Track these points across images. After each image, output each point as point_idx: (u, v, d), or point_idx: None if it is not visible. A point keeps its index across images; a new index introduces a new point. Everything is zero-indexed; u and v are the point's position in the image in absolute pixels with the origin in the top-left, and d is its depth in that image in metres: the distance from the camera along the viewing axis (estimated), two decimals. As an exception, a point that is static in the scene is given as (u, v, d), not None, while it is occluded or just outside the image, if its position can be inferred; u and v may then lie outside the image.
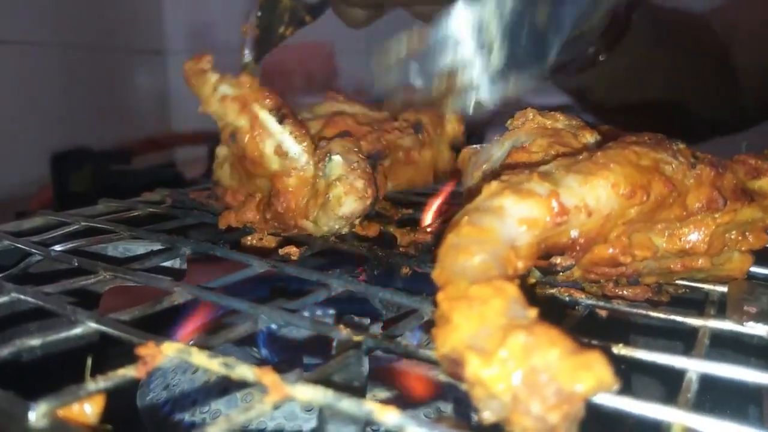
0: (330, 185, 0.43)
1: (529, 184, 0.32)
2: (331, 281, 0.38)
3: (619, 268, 0.37)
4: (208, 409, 0.41)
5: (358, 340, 0.30)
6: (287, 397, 0.25)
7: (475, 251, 0.28)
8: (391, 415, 0.23)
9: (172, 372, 0.46)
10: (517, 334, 0.23)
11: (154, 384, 0.45)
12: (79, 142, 1.10)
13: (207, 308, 0.43)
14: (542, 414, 0.22)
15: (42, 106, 1.07)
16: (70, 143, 1.08)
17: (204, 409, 0.41)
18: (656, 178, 0.33)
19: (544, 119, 0.44)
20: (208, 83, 0.45)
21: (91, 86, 1.21)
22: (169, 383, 0.45)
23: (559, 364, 0.22)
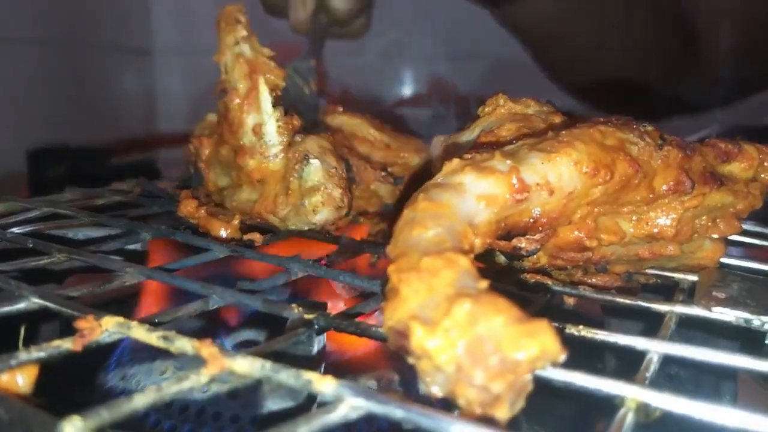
0: (306, 191, 0.41)
1: (491, 161, 0.31)
2: (292, 265, 0.37)
3: (585, 253, 0.36)
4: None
5: (309, 318, 0.29)
6: (225, 369, 0.24)
7: (430, 225, 0.27)
8: (329, 384, 0.22)
9: (130, 362, 0.44)
10: (462, 303, 0.22)
11: (111, 375, 0.44)
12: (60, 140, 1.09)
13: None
14: (485, 383, 0.21)
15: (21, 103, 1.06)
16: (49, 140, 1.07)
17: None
18: (621, 157, 0.32)
19: (515, 105, 0.43)
20: (234, 33, 0.44)
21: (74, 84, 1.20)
22: (126, 374, 0.43)
23: (502, 331, 0.21)
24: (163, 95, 1.45)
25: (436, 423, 0.20)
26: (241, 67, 0.42)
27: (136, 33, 1.41)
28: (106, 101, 1.27)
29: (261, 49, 0.42)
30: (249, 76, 0.41)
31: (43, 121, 1.10)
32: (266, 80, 0.42)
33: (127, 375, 0.43)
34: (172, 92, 1.43)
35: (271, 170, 0.42)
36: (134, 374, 0.43)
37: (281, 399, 0.26)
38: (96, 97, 1.25)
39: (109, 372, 0.44)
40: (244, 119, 0.41)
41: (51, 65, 1.13)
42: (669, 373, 0.52)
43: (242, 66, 0.42)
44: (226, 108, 0.43)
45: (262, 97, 0.41)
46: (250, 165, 0.42)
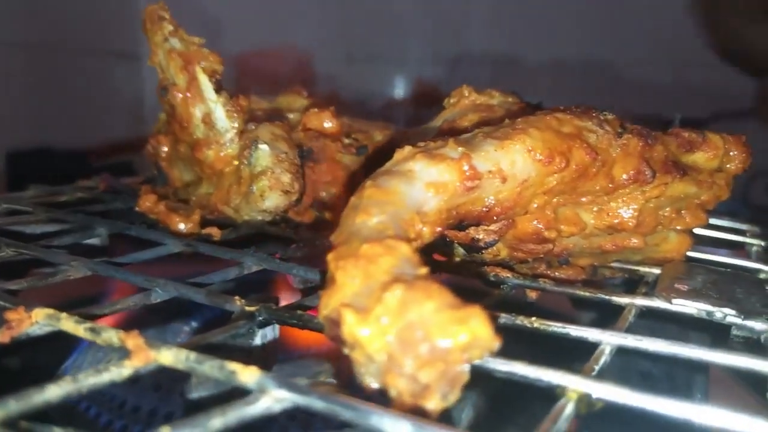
0: (255, 176, 0.40)
1: (444, 148, 0.30)
2: (245, 259, 0.36)
3: (546, 245, 0.35)
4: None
5: (251, 310, 0.28)
6: (150, 361, 0.23)
7: (374, 212, 0.26)
8: (252, 375, 0.21)
9: (89, 361, 0.43)
10: (394, 289, 0.21)
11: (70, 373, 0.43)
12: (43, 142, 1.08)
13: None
14: (414, 372, 0.20)
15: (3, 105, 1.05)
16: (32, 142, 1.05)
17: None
18: (578, 145, 0.31)
19: (479, 96, 0.42)
20: (161, 31, 0.43)
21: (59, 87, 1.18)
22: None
23: (432, 317, 0.20)
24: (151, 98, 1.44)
25: (357, 414, 0.19)
26: (175, 62, 0.41)
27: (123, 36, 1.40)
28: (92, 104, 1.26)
29: (191, 39, 0.41)
30: (185, 69, 0.40)
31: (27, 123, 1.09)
32: (203, 68, 0.41)
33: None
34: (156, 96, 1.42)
35: (230, 157, 0.41)
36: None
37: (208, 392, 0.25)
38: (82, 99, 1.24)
39: (65, 373, 0.43)
40: (192, 112, 0.40)
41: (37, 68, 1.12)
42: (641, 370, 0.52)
43: (176, 60, 0.41)
44: (171, 106, 0.42)
45: (203, 86, 0.40)
46: (209, 157, 0.41)
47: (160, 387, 0.37)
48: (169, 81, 0.42)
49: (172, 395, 0.36)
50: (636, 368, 0.51)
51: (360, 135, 0.47)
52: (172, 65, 0.41)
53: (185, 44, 0.42)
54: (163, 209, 0.44)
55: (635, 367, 0.51)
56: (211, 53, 0.42)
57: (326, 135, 0.44)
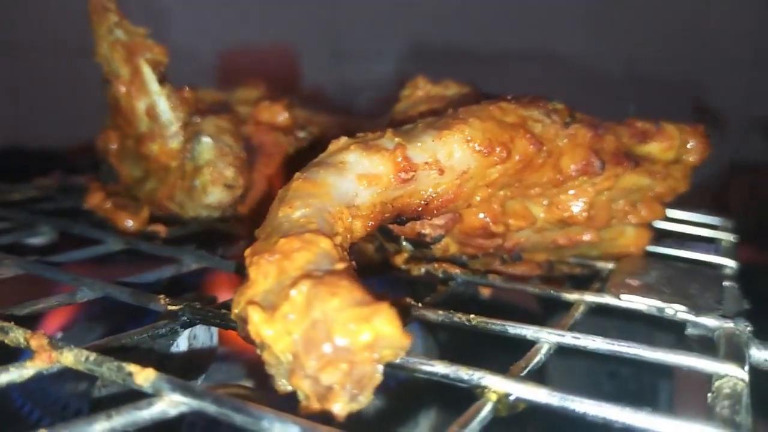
0: (197, 170, 0.39)
1: (380, 140, 0.29)
2: (185, 257, 0.35)
3: (494, 239, 0.34)
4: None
5: (174, 309, 0.27)
6: (54, 362, 0.22)
7: (297, 205, 0.25)
8: (147, 378, 0.19)
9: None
10: (300, 286, 0.20)
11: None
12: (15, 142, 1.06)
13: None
14: (316, 373, 0.19)
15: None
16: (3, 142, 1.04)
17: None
18: (521, 135, 0.30)
19: (434, 87, 0.41)
20: (106, 22, 0.41)
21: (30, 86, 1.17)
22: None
23: (335, 315, 0.19)
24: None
25: (248, 419, 0.18)
26: (119, 53, 0.39)
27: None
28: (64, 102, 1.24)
29: (135, 30, 0.40)
30: (129, 61, 0.39)
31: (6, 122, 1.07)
32: (147, 60, 0.40)
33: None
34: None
35: (175, 151, 0.39)
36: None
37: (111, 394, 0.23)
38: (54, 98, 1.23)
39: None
40: (135, 105, 0.39)
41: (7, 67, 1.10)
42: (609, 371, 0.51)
43: (120, 52, 0.39)
44: (115, 99, 0.40)
45: (146, 77, 0.39)
46: (154, 150, 0.40)
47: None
48: (113, 73, 0.41)
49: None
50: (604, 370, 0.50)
51: (315, 128, 0.46)
52: (116, 57, 0.40)
53: (129, 36, 0.40)
54: (111, 206, 0.43)
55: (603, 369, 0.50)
56: (156, 45, 0.40)
57: (278, 128, 0.43)
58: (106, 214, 0.43)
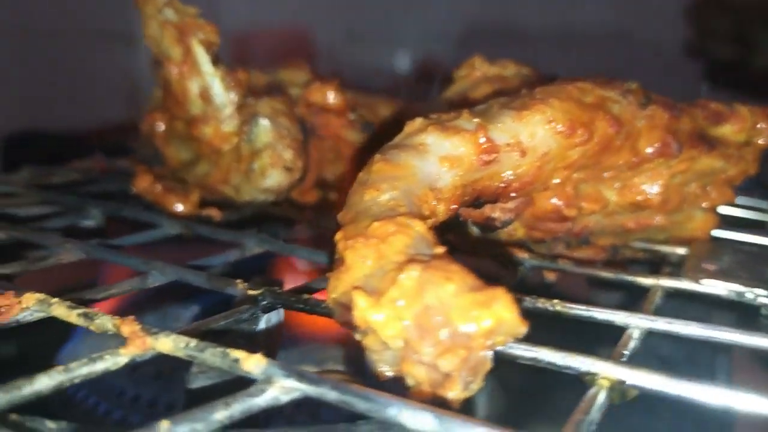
0: (255, 153, 0.38)
1: (457, 120, 0.28)
2: (247, 241, 0.34)
3: (565, 224, 0.33)
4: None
5: (254, 294, 0.26)
6: (148, 348, 0.21)
7: (384, 188, 0.24)
8: (257, 364, 0.19)
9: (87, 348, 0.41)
10: (409, 270, 0.19)
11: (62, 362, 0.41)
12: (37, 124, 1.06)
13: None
14: (434, 360, 0.18)
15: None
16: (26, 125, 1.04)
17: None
18: (601, 116, 0.29)
19: (491, 67, 0.40)
20: (153, 2, 0.40)
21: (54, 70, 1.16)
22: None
23: (453, 301, 0.18)
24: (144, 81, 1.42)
25: (374, 406, 0.17)
26: (169, 34, 0.38)
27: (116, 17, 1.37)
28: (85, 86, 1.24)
29: (186, 9, 0.39)
30: (180, 41, 0.38)
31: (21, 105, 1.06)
32: (200, 40, 0.39)
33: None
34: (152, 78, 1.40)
35: (229, 134, 0.38)
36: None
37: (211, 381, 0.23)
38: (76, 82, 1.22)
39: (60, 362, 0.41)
40: (187, 87, 0.38)
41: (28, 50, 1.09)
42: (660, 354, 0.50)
43: (170, 32, 0.38)
44: (166, 81, 0.39)
45: (199, 58, 0.38)
46: (207, 134, 0.39)
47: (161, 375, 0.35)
48: (164, 55, 0.40)
49: (173, 384, 0.34)
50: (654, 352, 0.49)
51: (365, 110, 0.45)
52: (166, 38, 0.39)
53: (180, 15, 0.39)
54: (160, 190, 0.42)
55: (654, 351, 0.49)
56: (208, 24, 0.39)
57: (329, 110, 0.42)
58: (154, 198, 0.42)
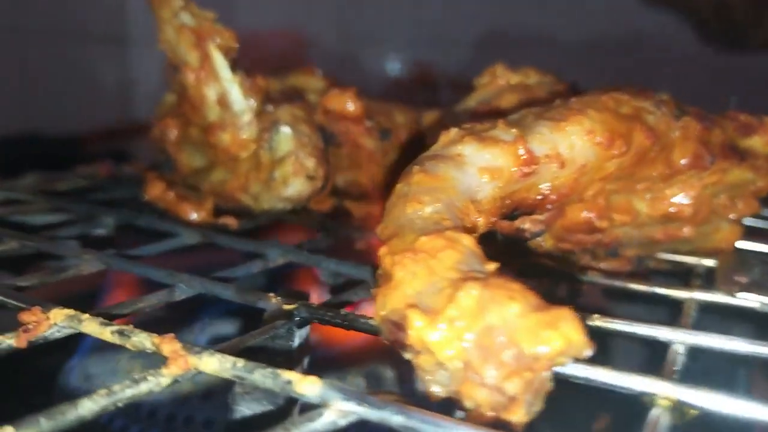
0: (276, 161, 0.37)
1: (494, 131, 0.27)
2: (268, 251, 0.33)
3: (595, 235, 0.33)
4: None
5: (289, 309, 0.26)
6: (190, 369, 0.20)
7: (427, 201, 0.24)
8: (313, 386, 0.18)
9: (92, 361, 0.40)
10: (468, 289, 0.19)
11: (72, 375, 0.40)
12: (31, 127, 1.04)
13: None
14: (498, 383, 0.17)
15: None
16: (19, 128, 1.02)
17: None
18: (637, 127, 0.29)
19: (514, 75, 0.39)
20: (170, 6, 0.39)
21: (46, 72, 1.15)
22: (89, 374, 0.39)
23: (519, 322, 0.18)
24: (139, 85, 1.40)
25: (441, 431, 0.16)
26: (186, 39, 0.37)
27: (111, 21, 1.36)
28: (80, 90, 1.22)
29: (203, 14, 0.38)
30: (197, 46, 0.37)
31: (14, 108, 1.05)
32: (217, 45, 0.38)
33: (90, 375, 0.39)
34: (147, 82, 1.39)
35: (247, 141, 0.38)
36: (97, 374, 0.39)
37: (257, 403, 0.22)
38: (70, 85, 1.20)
39: (70, 372, 0.40)
40: (205, 93, 0.37)
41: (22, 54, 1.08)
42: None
43: (187, 37, 0.37)
44: (182, 86, 0.38)
45: (217, 64, 0.37)
46: (224, 140, 0.38)
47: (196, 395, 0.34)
48: (180, 60, 0.39)
49: (208, 402, 0.33)
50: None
51: (381, 117, 0.44)
52: (182, 42, 0.38)
53: (197, 20, 0.38)
54: (173, 197, 0.41)
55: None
56: (225, 29, 0.39)
57: (348, 117, 0.42)
58: (167, 205, 0.41)
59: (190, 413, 0.33)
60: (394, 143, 0.45)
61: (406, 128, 0.46)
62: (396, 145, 0.46)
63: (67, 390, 0.39)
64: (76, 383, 0.39)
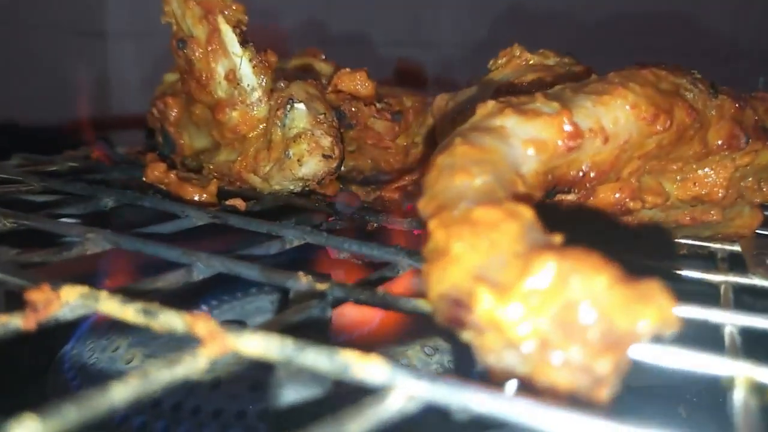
0: (290, 139, 0.35)
1: (533, 104, 0.26)
2: (286, 232, 0.32)
3: (625, 217, 0.32)
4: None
5: (322, 288, 0.24)
6: (229, 350, 0.18)
7: (476, 172, 0.22)
8: (377, 367, 0.16)
9: (89, 350, 0.38)
10: (543, 261, 0.17)
11: (67, 365, 0.37)
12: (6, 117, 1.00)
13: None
14: (587, 362, 0.16)
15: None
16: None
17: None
18: (679, 103, 0.28)
19: (533, 56, 0.38)
20: None
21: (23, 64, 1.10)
22: (85, 363, 0.37)
23: (608, 295, 0.16)
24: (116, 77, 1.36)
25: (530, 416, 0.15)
26: (192, 11, 0.35)
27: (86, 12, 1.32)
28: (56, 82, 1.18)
29: None
30: (205, 19, 0.35)
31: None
32: (226, 18, 0.36)
33: (85, 364, 0.37)
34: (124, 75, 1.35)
35: (258, 120, 0.36)
36: (94, 363, 0.37)
37: (302, 387, 0.20)
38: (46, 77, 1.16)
39: (65, 362, 0.38)
40: (213, 69, 0.35)
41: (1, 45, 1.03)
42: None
43: (194, 9, 0.35)
44: (188, 62, 0.36)
45: (226, 38, 0.35)
46: (233, 118, 0.36)
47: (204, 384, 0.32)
48: (185, 33, 0.37)
49: (234, 390, 0.31)
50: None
51: (392, 100, 0.43)
52: (189, 15, 0.36)
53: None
54: (174, 179, 0.39)
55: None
56: (234, 1, 0.37)
57: (359, 98, 0.40)
58: (168, 187, 0.39)
59: (198, 402, 0.31)
60: (403, 126, 0.44)
61: (413, 111, 0.45)
62: (405, 128, 0.44)
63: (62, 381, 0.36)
64: (72, 373, 0.36)
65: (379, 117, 0.40)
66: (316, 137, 0.34)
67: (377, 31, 1.14)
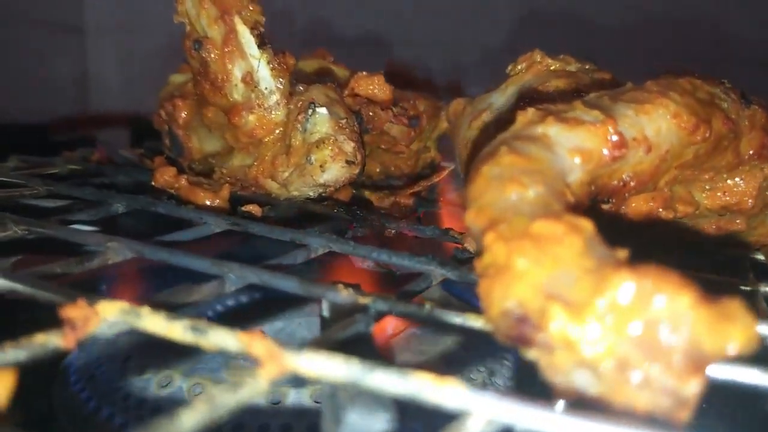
0: (312, 145, 0.34)
1: (574, 112, 0.26)
2: (311, 240, 0.31)
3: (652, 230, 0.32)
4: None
5: (364, 302, 0.23)
6: (288, 371, 0.18)
7: (527, 182, 0.22)
8: (453, 390, 0.16)
9: (96, 360, 0.37)
10: (621, 278, 0.17)
11: (74, 377, 0.36)
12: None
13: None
14: (673, 383, 0.15)
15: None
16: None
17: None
18: (716, 114, 0.28)
19: (554, 61, 0.38)
20: None
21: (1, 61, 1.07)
22: (93, 374, 0.35)
23: (694, 316, 0.16)
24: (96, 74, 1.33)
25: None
26: (208, 11, 0.34)
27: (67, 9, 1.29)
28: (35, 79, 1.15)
29: None
30: (221, 19, 0.34)
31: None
32: (243, 19, 0.35)
33: (94, 376, 0.35)
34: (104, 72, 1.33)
35: (275, 124, 0.35)
36: (103, 374, 0.35)
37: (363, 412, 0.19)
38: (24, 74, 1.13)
39: (71, 372, 0.36)
40: (230, 71, 0.34)
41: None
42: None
43: (209, 9, 0.34)
44: (203, 63, 0.35)
45: (243, 39, 0.34)
46: (250, 122, 0.35)
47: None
48: (200, 34, 0.36)
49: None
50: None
51: (407, 104, 0.42)
52: (204, 15, 0.35)
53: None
54: (185, 184, 0.38)
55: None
56: (251, 2, 0.36)
57: (376, 102, 0.39)
58: (179, 192, 0.38)
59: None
60: (418, 131, 0.43)
61: (426, 115, 0.44)
62: (419, 133, 0.44)
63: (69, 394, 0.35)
64: (79, 386, 0.35)
65: (396, 122, 0.40)
66: (339, 143, 0.33)
67: (377, 32, 1.13)
